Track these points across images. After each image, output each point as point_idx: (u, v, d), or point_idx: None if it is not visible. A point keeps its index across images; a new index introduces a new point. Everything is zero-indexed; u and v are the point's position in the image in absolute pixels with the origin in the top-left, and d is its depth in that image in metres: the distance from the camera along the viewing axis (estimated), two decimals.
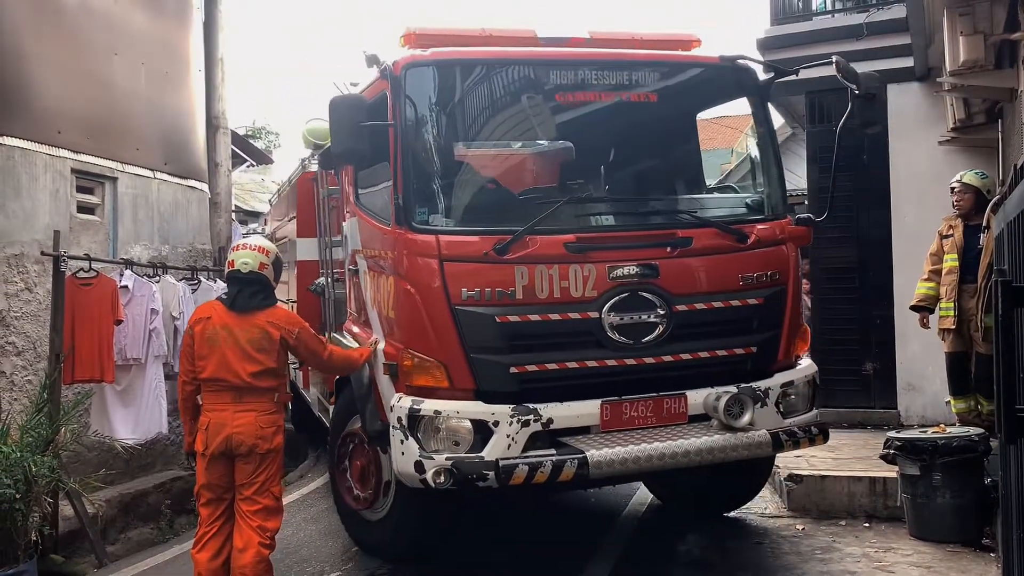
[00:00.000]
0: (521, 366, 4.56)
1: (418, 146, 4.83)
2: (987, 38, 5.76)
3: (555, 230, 4.68)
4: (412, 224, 4.66)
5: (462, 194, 5.04)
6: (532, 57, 5.14)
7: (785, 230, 5.19)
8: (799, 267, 5.31)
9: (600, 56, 5.19)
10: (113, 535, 7.48)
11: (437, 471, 4.41)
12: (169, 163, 9.53)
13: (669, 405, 4.76)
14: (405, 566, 5.59)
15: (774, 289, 5.04)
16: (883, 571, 5.07)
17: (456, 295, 4.54)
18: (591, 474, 4.32)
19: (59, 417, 6.65)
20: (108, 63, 8.65)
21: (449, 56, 4.97)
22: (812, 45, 8.59)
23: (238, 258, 4.75)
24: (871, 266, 8.39)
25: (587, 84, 5.10)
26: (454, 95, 5.15)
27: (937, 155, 8.02)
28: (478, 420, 4.46)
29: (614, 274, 4.67)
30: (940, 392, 7.36)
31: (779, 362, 5.08)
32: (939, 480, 5.43)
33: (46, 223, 7.57)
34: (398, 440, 4.60)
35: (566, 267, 4.62)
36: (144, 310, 7.63)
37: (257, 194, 20.15)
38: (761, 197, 5.39)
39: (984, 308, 6.05)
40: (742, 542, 5.74)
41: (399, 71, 4.78)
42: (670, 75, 5.33)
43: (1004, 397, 2.11)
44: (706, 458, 4.53)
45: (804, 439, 4.90)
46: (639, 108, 5.24)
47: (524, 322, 4.57)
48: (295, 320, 4.88)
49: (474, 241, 4.64)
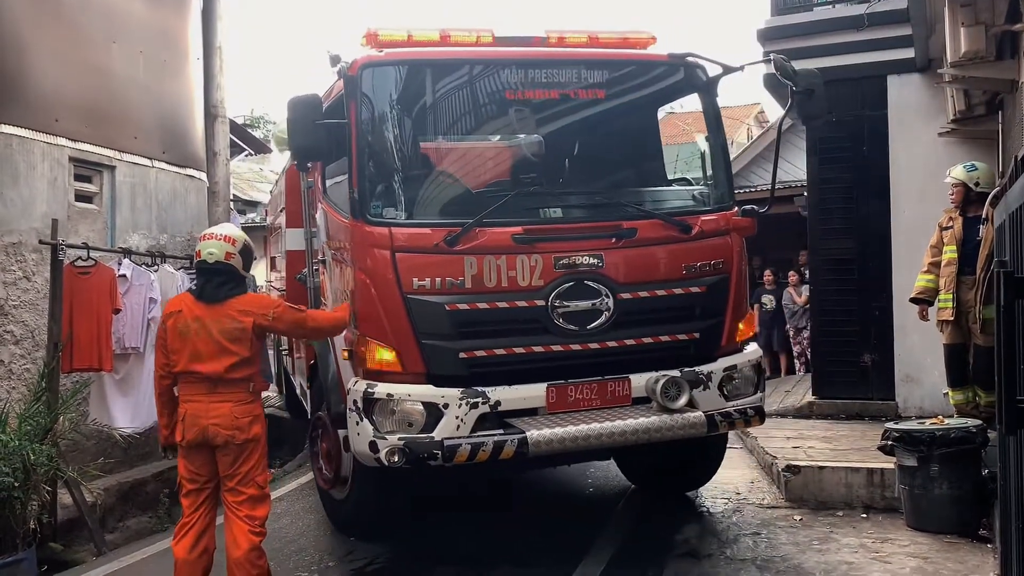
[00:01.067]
0: (470, 351, 4.82)
1: (373, 143, 5.04)
2: (988, 29, 5.74)
3: (504, 222, 4.91)
4: (367, 217, 4.89)
5: (415, 188, 5.24)
6: (484, 56, 5.36)
7: (730, 221, 5.41)
8: (744, 257, 5.54)
9: (550, 55, 5.37)
10: (112, 524, 7.49)
11: (390, 450, 4.67)
12: (167, 152, 9.50)
13: (613, 388, 5.01)
14: (401, 556, 5.61)
15: (717, 278, 5.28)
16: (880, 561, 5.08)
17: (408, 284, 4.79)
18: (531, 452, 4.58)
19: (57, 406, 6.65)
20: (106, 51, 8.61)
21: (403, 56, 5.21)
22: (813, 36, 8.58)
23: (204, 248, 4.68)
24: (870, 257, 8.39)
25: (539, 82, 5.30)
26: (408, 94, 5.36)
27: (937, 147, 8.01)
28: (429, 402, 4.72)
29: (560, 264, 4.92)
30: (938, 384, 7.37)
31: (723, 347, 5.31)
32: (937, 471, 5.44)
33: (44, 211, 7.55)
34: (354, 421, 4.87)
35: (514, 257, 4.87)
36: (142, 299, 7.62)
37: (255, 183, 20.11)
38: (708, 190, 5.62)
39: (983, 300, 6.06)
40: (740, 532, 5.75)
41: (355, 71, 4.97)
42: (620, 73, 5.53)
43: (1005, 388, 2.11)
44: (642, 437, 4.78)
45: (739, 420, 5.19)
46: (590, 105, 5.46)
47: (473, 310, 4.82)
48: (267, 302, 4.83)
49: (425, 233, 4.88)
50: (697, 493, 6.76)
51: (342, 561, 5.57)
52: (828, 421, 8.27)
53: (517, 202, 5.09)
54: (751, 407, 5.28)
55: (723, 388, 5.22)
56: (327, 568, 5.46)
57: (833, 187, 8.62)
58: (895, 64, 8.22)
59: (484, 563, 5.35)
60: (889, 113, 8.30)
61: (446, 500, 6.98)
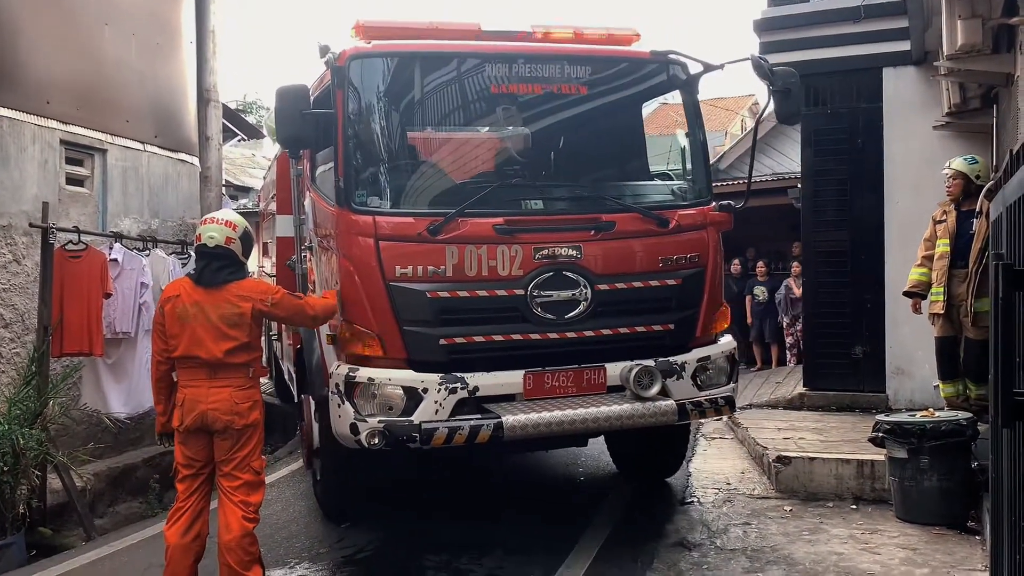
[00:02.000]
0: (450, 338, 4.95)
1: (359, 132, 5.15)
2: (985, 22, 5.73)
3: (486, 213, 5.03)
4: (352, 205, 4.99)
5: (400, 178, 5.35)
6: (470, 50, 5.45)
7: (707, 216, 5.54)
8: (720, 250, 5.65)
9: (535, 51, 5.50)
10: (101, 509, 7.48)
11: (371, 433, 4.80)
12: (160, 136, 9.44)
13: (589, 376, 5.16)
14: (392, 544, 5.61)
15: (693, 271, 5.42)
16: (869, 552, 5.10)
17: (391, 272, 4.91)
18: (506, 437, 4.72)
19: (47, 390, 6.63)
20: (99, 33, 8.54)
21: (390, 48, 5.31)
22: (809, 27, 8.58)
23: (205, 232, 4.66)
24: (863, 250, 8.40)
25: (523, 77, 5.42)
26: (395, 85, 5.44)
27: (932, 140, 8.01)
28: (409, 387, 4.86)
29: (540, 255, 5.05)
30: (929, 376, 7.40)
31: (697, 338, 5.46)
32: (927, 463, 5.47)
33: (34, 194, 7.50)
34: (335, 404, 4.99)
35: (494, 248, 4.99)
36: (134, 284, 7.59)
37: (248, 169, 20.03)
38: (687, 184, 5.75)
39: (975, 293, 6.08)
40: (730, 522, 5.77)
41: (343, 62, 5.07)
42: (603, 69, 5.63)
43: (1001, 380, 2.12)
44: (614, 424, 4.95)
45: (710, 409, 5.35)
46: (573, 99, 5.56)
47: (453, 298, 4.96)
48: (266, 288, 4.78)
49: (409, 222, 4.99)
50: (688, 483, 6.78)
51: (333, 548, 5.57)
52: (819, 412, 8.30)
53: (499, 193, 5.23)
54: (722, 397, 5.41)
55: (696, 378, 5.36)
56: (318, 555, 5.46)
57: (827, 179, 8.63)
58: (891, 56, 8.21)
59: (475, 550, 5.35)
60: (884, 106, 8.30)
61: (437, 488, 6.99)
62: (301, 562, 5.34)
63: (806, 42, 8.56)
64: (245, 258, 4.79)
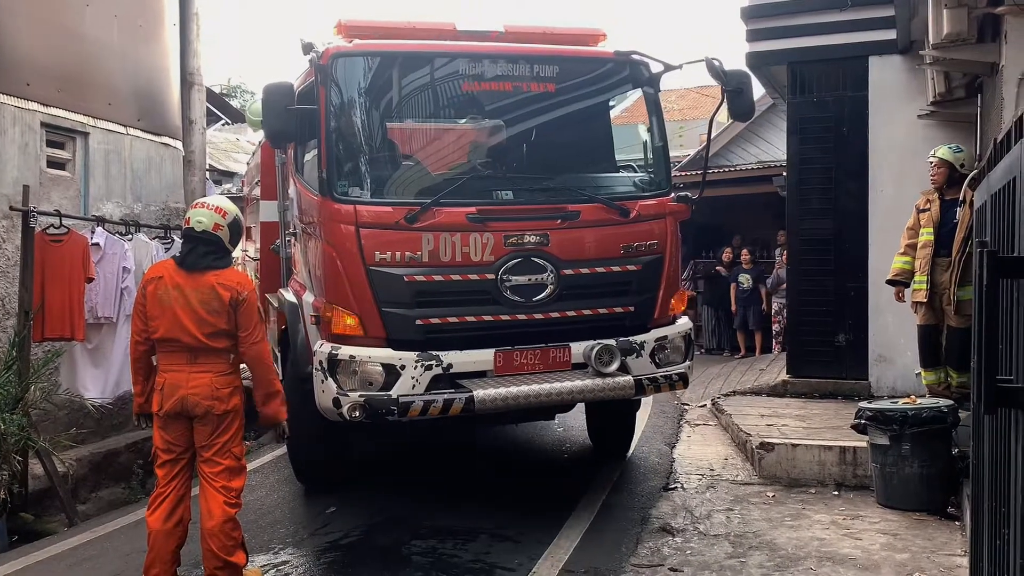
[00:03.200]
0: (426, 319, 5.30)
1: (341, 127, 5.47)
2: (971, 11, 5.75)
3: (459, 203, 5.37)
4: (334, 195, 5.31)
5: (379, 170, 5.66)
6: (445, 50, 5.80)
7: (666, 206, 5.90)
8: (678, 238, 6.02)
9: (506, 51, 5.86)
10: (84, 494, 7.44)
11: (352, 406, 5.15)
12: (142, 119, 9.34)
13: (555, 354, 5.49)
14: (378, 528, 5.61)
15: (652, 257, 5.77)
16: (851, 538, 5.15)
17: (370, 257, 5.23)
18: (477, 409, 5.07)
19: (29, 375, 6.57)
20: (80, 14, 8.43)
21: (371, 48, 5.64)
22: (795, 15, 8.59)
23: (194, 216, 4.63)
24: (847, 238, 8.45)
25: (495, 75, 5.77)
26: (375, 82, 5.75)
27: (916, 128, 8.04)
28: (388, 364, 5.18)
29: (509, 242, 5.39)
30: (911, 364, 7.46)
31: (655, 319, 5.80)
32: (908, 450, 5.52)
33: (15, 177, 7.41)
34: (319, 380, 5.32)
35: (467, 235, 5.33)
36: (116, 268, 7.52)
37: (232, 153, 19.86)
38: (648, 176, 6.11)
39: (958, 282, 6.11)
40: (713, 508, 5.81)
41: (326, 60, 5.40)
42: (570, 67, 5.98)
43: (985, 367, 2.13)
44: (576, 397, 5.39)
45: (665, 384, 5.75)
46: (542, 96, 5.88)
47: (429, 282, 5.30)
48: (245, 283, 4.68)
49: (387, 211, 5.32)
50: (672, 469, 6.82)
51: (317, 533, 5.56)
52: (802, 399, 8.36)
53: (472, 184, 5.58)
54: (676, 373, 5.78)
55: (655, 356, 5.70)
56: (302, 540, 5.46)
57: (812, 167, 8.66)
58: (877, 45, 8.23)
59: (461, 534, 5.37)
60: (870, 94, 8.33)
61: (423, 473, 7.00)
62: (285, 547, 5.33)
63: (793, 30, 8.57)
64: (232, 246, 4.76)
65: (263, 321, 4.76)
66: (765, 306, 12.89)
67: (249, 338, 4.57)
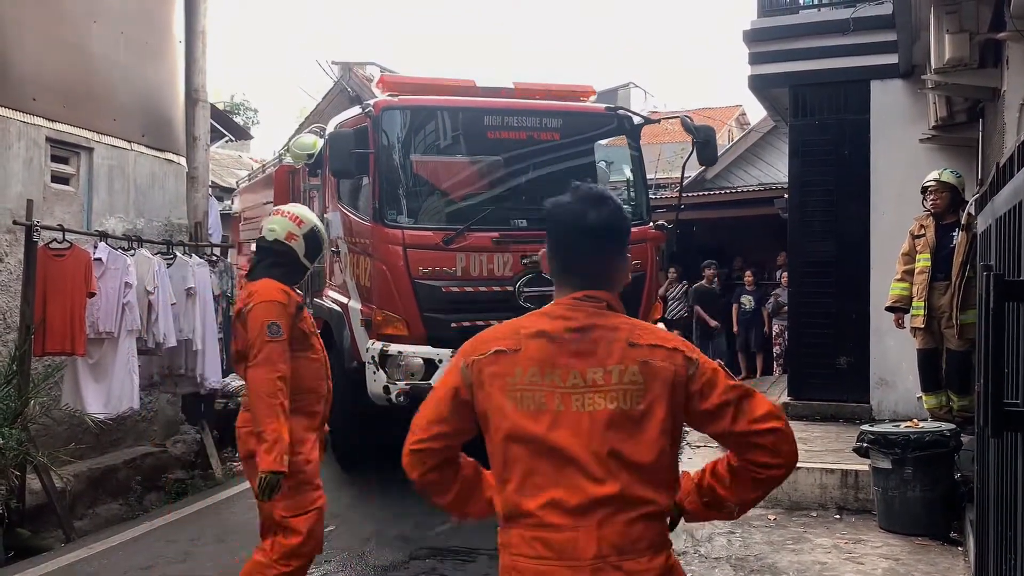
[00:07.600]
0: (459, 322, 6.37)
1: (390, 166, 6.81)
2: (972, 37, 5.78)
3: (485, 228, 6.65)
4: (385, 221, 6.63)
5: (421, 201, 7.06)
6: (471, 105, 7.21)
7: (647, 233, 7.19)
8: (656, 261, 7.27)
9: (520, 107, 7.25)
10: (81, 510, 7.39)
11: (399, 393, 6.31)
12: (147, 135, 9.37)
13: None
14: (378, 547, 5.58)
15: (637, 275, 6.71)
16: (853, 562, 5.12)
17: (415, 272, 6.48)
18: None
19: (28, 389, 6.56)
20: (86, 30, 8.48)
21: (412, 103, 7.04)
22: (798, 39, 8.64)
23: (266, 224, 4.15)
24: (848, 261, 8.44)
25: (511, 125, 7.13)
26: (415, 130, 7.16)
27: (918, 152, 8.06)
28: (428, 358, 6.38)
29: (524, 260, 6.55)
30: (912, 387, 7.43)
31: None
32: (910, 474, 5.49)
33: (19, 192, 7.42)
34: (371, 371, 6.46)
35: (492, 255, 6.60)
36: (118, 284, 7.50)
37: (234, 170, 19.90)
38: (631, 206, 7.25)
39: (960, 306, 6.09)
40: (714, 531, 5.77)
41: (378, 111, 6.76)
42: (571, 120, 7.41)
43: (992, 390, 2.12)
44: None
45: None
46: (548, 142, 7.20)
47: (461, 292, 6.55)
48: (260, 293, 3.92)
49: (429, 235, 6.64)
50: None
51: None
52: (803, 422, 8.32)
53: (494, 214, 6.82)
54: None
55: None
56: None
57: (814, 189, 8.68)
58: (879, 69, 8.27)
59: (461, 554, 5.33)
60: (871, 118, 8.35)
61: None
62: None
63: (795, 53, 8.62)
64: (308, 260, 4.18)
65: (272, 339, 3.80)
66: (767, 328, 12.88)
67: (249, 358, 3.82)
